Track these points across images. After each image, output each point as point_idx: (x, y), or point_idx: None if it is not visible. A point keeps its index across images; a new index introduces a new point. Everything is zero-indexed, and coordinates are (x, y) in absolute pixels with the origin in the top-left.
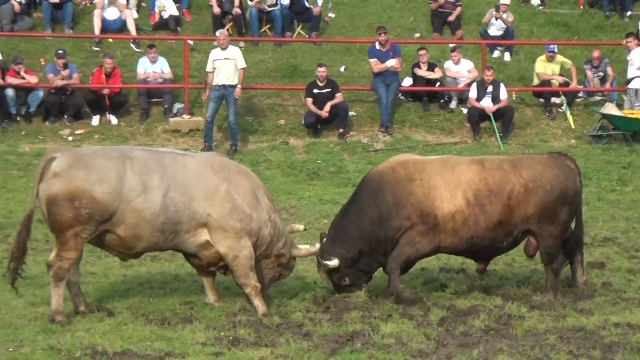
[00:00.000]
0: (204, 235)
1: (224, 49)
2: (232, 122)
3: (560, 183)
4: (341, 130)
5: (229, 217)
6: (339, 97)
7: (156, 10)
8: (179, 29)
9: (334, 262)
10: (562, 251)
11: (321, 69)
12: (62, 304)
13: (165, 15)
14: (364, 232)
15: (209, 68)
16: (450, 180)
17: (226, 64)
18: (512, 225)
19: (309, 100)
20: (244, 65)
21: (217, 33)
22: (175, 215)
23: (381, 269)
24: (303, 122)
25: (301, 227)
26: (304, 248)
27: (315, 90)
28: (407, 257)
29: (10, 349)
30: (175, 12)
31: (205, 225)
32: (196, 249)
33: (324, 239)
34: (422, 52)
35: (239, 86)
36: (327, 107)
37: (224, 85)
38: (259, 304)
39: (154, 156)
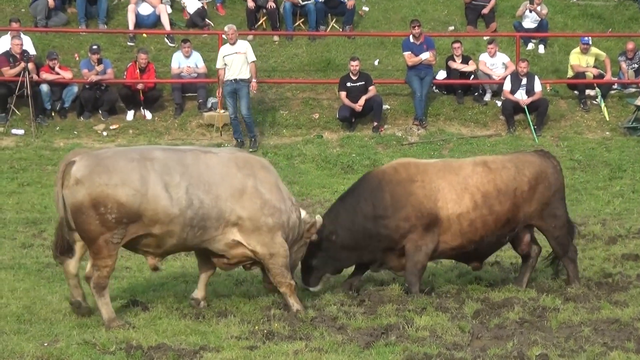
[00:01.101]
0: (232, 235)
1: (232, 43)
2: (246, 115)
3: (555, 179)
4: (375, 123)
5: (260, 213)
6: (372, 91)
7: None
8: (208, 21)
9: (318, 218)
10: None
11: (354, 63)
12: (112, 311)
13: (190, 11)
14: (354, 224)
15: (219, 64)
16: (455, 183)
17: (236, 59)
18: (516, 221)
19: (343, 94)
20: (254, 59)
21: (226, 28)
22: (201, 210)
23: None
24: (337, 116)
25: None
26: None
27: (348, 84)
28: (422, 265)
29: (45, 344)
30: (198, 5)
31: (235, 225)
32: (224, 248)
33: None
34: (456, 45)
35: (254, 80)
36: (362, 100)
37: (235, 80)
38: (294, 302)
39: (175, 155)
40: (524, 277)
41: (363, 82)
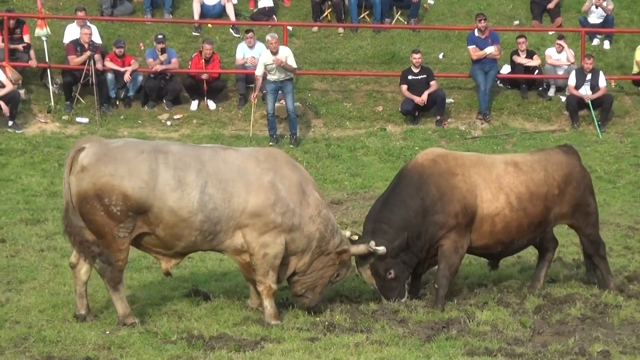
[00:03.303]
0: (240, 238)
1: (274, 52)
2: (291, 111)
3: (583, 177)
4: (438, 117)
5: (271, 209)
6: (433, 85)
7: None
8: (274, 17)
9: (382, 248)
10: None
11: (416, 56)
12: (127, 306)
13: (260, 5)
14: (408, 223)
15: (259, 72)
16: (489, 181)
17: (278, 67)
18: (547, 223)
19: (404, 87)
20: (295, 66)
21: (268, 37)
22: (214, 213)
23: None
24: (400, 109)
25: (349, 234)
26: (361, 246)
27: (410, 77)
28: (456, 267)
29: (107, 332)
30: (270, 4)
31: (245, 227)
32: (233, 253)
33: (357, 237)
34: (521, 39)
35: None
36: (425, 95)
37: (280, 80)
38: (268, 305)
39: (192, 151)
40: (542, 272)
41: (425, 76)
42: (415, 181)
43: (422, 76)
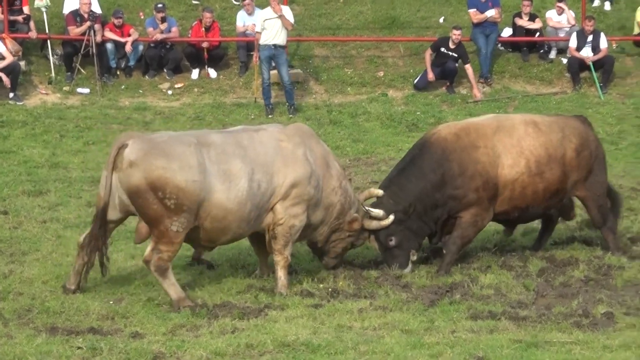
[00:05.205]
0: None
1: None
2: (287, 82)
3: (596, 146)
4: (448, 84)
5: (307, 181)
6: (469, 70)
7: None
8: None
9: (378, 212)
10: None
11: (457, 32)
12: (180, 290)
13: None
14: (422, 194)
15: (258, 28)
16: (510, 146)
17: (276, 23)
18: (564, 192)
19: (428, 53)
20: (293, 21)
21: None
22: (262, 198)
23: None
24: (415, 83)
25: (380, 192)
26: (374, 220)
27: (442, 49)
28: (470, 239)
29: (111, 302)
30: None
31: (282, 199)
32: (267, 228)
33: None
34: (526, 2)
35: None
36: (431, 74)
37: (274, 45)
38: (282, 276)
39: (231, 139)
40: (544, 240)
41: (457, 55)
42: (438, 156)
43: (455, 54)
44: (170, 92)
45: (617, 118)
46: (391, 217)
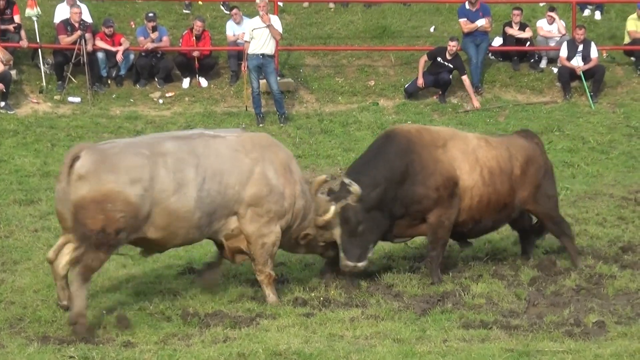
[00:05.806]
0: (233, 224)
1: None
2: (276, 91)
3: (544, 160)
4: (440, 93)
5: (265, 200)
6: (466, 82)
7: None
8: None
9: (356, 187)
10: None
11: (452, 43)
12: (85, 306)
13: None
14: (389, 181)
15: (247, 37)
16: (466, 153)
17: (265, 32)
18: (513, 208)
19: (423, 60)
20: (281, 31)
21: (258, 0)
22: (211, 206)
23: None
24: (405, 88)
25: (323, 177)
26: (330, 212)
27: (439, 59)
28: (445, 240)
29: (104, 312)
30: None
31: (236, 213)
32: (225, 238)
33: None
34: (516, 12)
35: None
36: (421, 80)
37: (262, 55)
38: (270, 293)
39: (186, 146)
40: (531, 248)
41: (452, 67)
42: (404, 146)
43: (450, 65)
44: (161, 101)
45: (607, 127)
46: (332, 209)
